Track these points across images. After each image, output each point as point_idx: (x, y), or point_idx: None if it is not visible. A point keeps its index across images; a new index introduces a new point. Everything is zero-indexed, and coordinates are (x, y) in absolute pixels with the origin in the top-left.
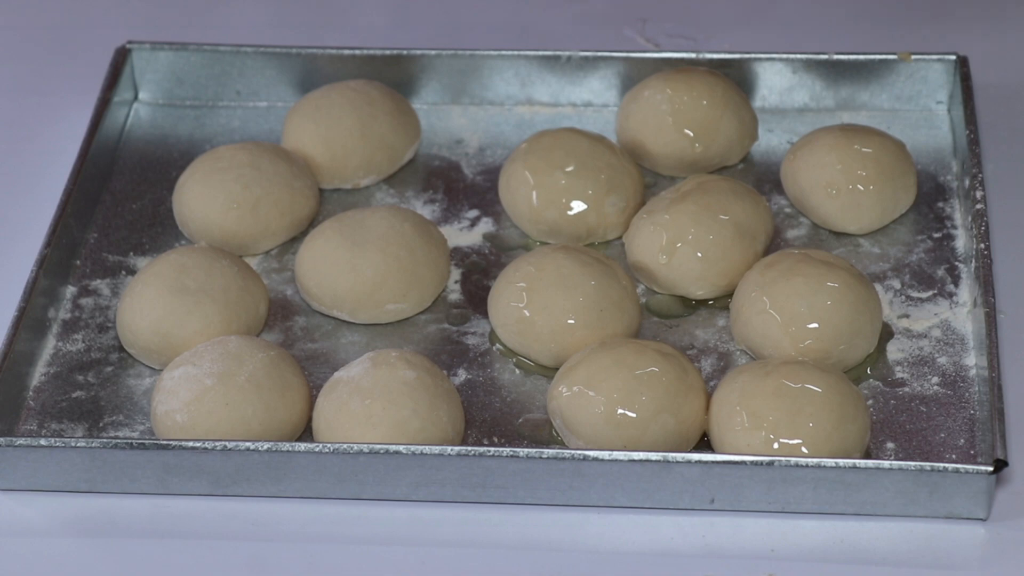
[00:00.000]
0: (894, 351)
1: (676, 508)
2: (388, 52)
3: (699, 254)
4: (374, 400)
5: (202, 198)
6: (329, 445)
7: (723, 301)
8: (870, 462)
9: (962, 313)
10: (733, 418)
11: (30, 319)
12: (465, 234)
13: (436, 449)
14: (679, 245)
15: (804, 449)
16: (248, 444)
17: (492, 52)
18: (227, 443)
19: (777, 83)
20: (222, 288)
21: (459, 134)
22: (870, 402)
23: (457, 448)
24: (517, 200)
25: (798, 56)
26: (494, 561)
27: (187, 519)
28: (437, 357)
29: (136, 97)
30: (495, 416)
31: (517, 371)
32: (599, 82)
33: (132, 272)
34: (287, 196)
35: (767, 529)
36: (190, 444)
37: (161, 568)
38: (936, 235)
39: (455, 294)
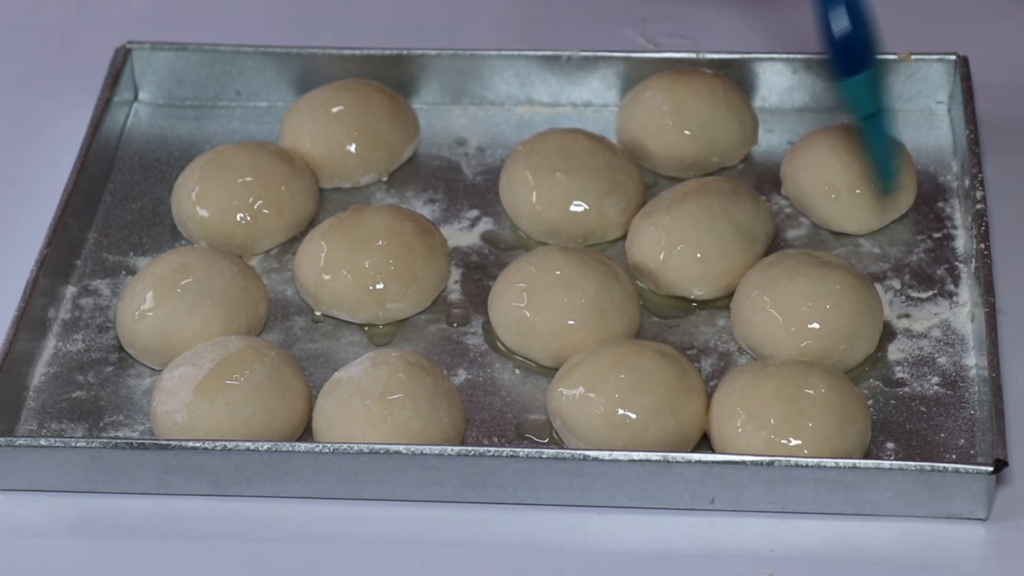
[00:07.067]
0: (894, 351)
1: (676, 508)
2: (388, 52)
3: (699, 254)
4: (374, 400)
5: (201, 198)
6: (329, 445)
7: (723, 301)
8: (870, 462)
9: (962, 313)
10: (733, 418)
11: (30, 319)
12: (465, 234)
13: (436, 449)
14: (679, 246)
15: (804, 450)
16: (248, 444)
17: (492, 52)
18: (227, 443)
19: (777, 83)
20: (222, 288)
21: (459, 134)
22: (870, 402)
23: (457, 448)
24: (517, 200)
25: (798, 56)
26: (494, 561)
27: (187, 519)
28: (437, 357)
29: (136, 97)
30: (495, 416)
31: (517, 371)
32: (599, 82)
33: (132, 272)
34: (286, 196)
35: (767, 529)
36: (190, 444)
37: (161, 568)
38: (936, 235)
39: (455, 294)
